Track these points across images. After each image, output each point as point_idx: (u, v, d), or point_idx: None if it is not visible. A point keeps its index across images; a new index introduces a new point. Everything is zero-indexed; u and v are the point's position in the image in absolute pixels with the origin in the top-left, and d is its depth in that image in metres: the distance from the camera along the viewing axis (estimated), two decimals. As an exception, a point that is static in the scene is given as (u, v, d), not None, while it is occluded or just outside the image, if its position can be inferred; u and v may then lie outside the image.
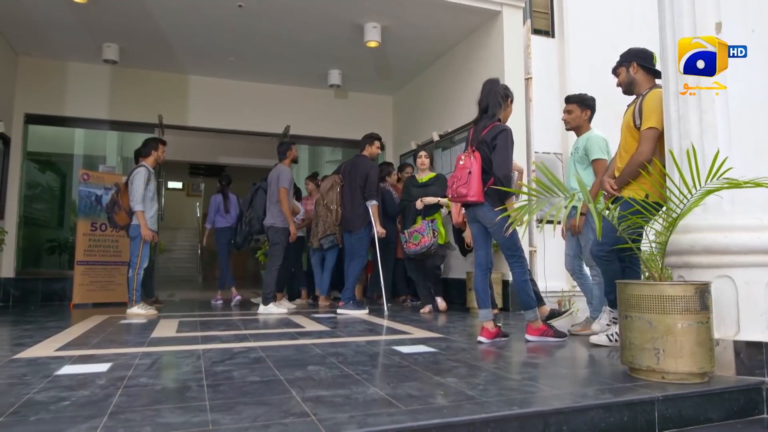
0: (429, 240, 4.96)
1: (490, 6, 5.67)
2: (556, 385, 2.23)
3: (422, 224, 5.06)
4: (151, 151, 5.28)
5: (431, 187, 5.28)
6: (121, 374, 2.37)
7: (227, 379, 2.29)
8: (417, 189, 5.31)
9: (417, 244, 4.99)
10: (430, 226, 5.03)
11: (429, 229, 5.02)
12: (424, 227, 5.03)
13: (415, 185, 5.36)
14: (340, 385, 2.17)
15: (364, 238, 5.23)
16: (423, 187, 5.31)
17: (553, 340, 3.32)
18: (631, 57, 3.09)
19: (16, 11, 5.63)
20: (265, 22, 5.93)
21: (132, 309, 4.98)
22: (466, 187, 3.05)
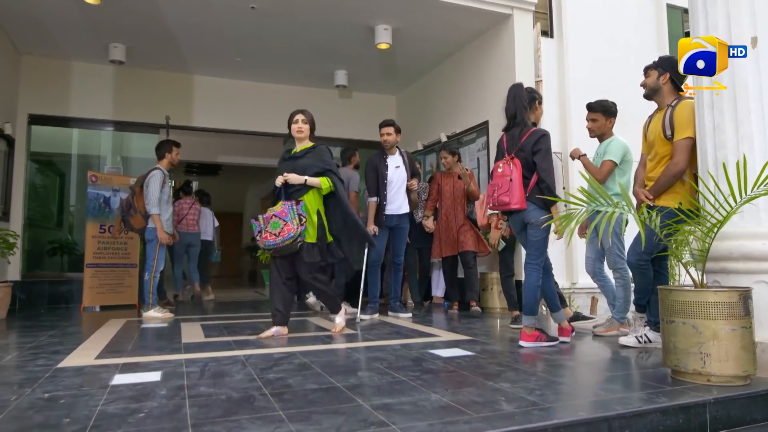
0: (294, 229, 3.58)
1: (501, 9, 5.73)
2: (607, 389, 2.31)
3: (283, 207, 3.64)
4: (165, 154, 5.28)
5: (302, 159, 3.85)
6: (177, 383, 2.39)
7: (286, 387, 2.33)
8: (285, 163, 3.91)
9: (276, 234, 3.57)
10: (295, 210, 3.64)
11: (294, 214, 3.62)
12: (286, 211, 3.62)
13: (285, 158, 3.97)
14: (400, 392, 2.22)
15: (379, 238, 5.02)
16: (292, 160, 3.87)
17: (547, 345, 3.32)
18: (668, 66, 3.16)
19: (21, 10, 5.54)
20: (276, 24, 5.93)
21: (149, 312, 4.97)
22: (508, 195, 3.11)
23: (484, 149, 6.19)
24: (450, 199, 5.36)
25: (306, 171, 3.78)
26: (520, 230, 3.40)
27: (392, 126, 5.11)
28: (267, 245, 3.63)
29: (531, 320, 3.32)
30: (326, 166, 3.84)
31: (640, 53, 8.10)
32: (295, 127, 3.95)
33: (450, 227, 5.32)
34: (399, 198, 5.05)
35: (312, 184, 3.79)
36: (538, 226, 3.19)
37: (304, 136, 3.93)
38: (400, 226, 5.08)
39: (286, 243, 3.58)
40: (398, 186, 5.04)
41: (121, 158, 8.40)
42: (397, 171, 5.06)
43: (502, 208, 3.22)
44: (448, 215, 5.34)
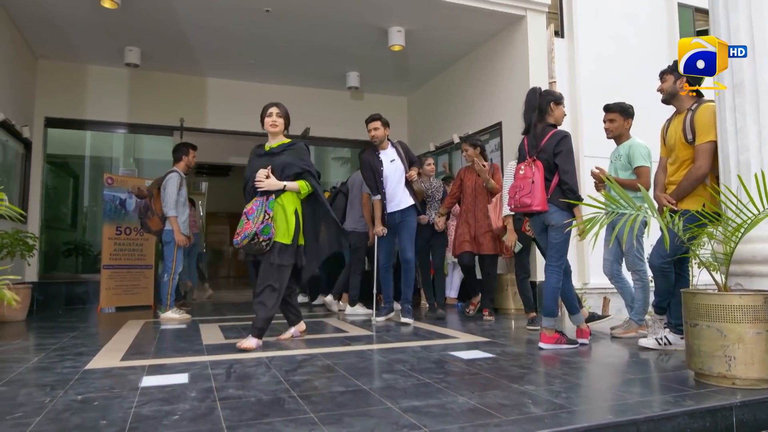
0: (252, 227, 3.29)
1: (515, 10, 5.74)
2: (632, 392, 2.32)
3: (254, 203, 3.41)
4: (182, 156, 5.32)
5: (280, 156, 3.56)
6: (205, 385, 2.43)
7: (313, 389, 2.36)
8: (259, 159, 3.59)
9: (239, 233, 3.34)
10: (263, 206, 3.36)
11: (260, 211, 3.35)
12: (254, 208, 3.38)
13: (259, 154, 3.66)
14: (427, 395, 2.24)
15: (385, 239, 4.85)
16: (268, 157, 3.57)
17: (566, 348, 3.33)
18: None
19: (38, 14, 5.61)
20: (290, 27, 5.97)
21: (166, 314, 5.02)
22: (530, 197, 3.13)
23: (497, 150, 6.20)
24: (471, 195, 5.00)
25: (284, 170, 3.50)
26: (540, 232, 3.41)
27: (379, 120, 4.79)
28: (235, 244, 3.41)
29: (551, 322, 3.33)
30: (305, 166, 3.55)
31: (652, 53, 8.10)
32: (268, 120, 3.61)
33: (469, 225, 4.96)
34: (399, 192, 4.76)
35: (291, 189, 3.50)
36: (559, 228, 3.20)
37: (278, 130, 3.62)
38: (405, 220, 4.75)
39: (244, 242, 3.31)
40: (396, 180, 4.75)
41: (134, 160, 8.49)
42: (392, 165, 4.77)
43: (524, 210, 3.23)
44: (468, 213, 4.99)
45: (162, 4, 5.39)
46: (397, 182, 4.75)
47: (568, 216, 3.20)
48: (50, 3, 5.34)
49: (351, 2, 5.46)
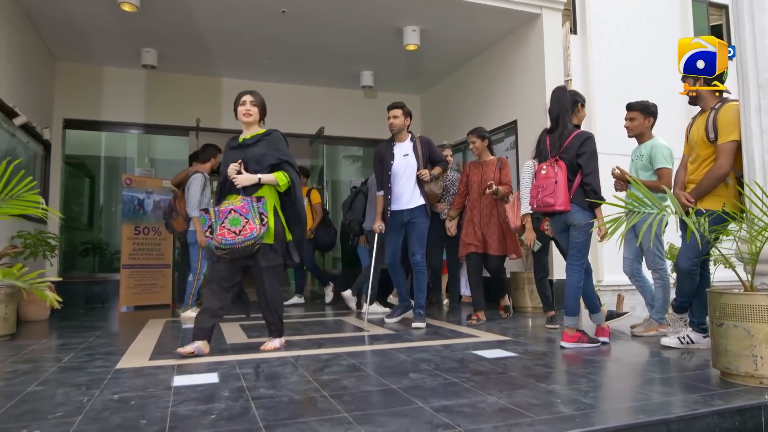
0: (257, 229, 3.07)
1: (530, 9, 5.74)
2: (659, 391, 2.34)
3: (243, 202, 3.12)
4: (211, 157, 5.34)
5: (254, 148, 3.29)
6: (236, 385, 2.47)
7: (342, 389, 2.40)
8: (232, 152, 3.33)
9: (237, 232, 3.04)
10: (256, 208, 3.12)
11: (255, 212, 3.10)
12: (246, 206, 3.10)
13: (232, 147, 3.39)
14: (456, 394, 2.27)
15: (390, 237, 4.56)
16: (242, 149, 3.31)
17: (588, 346, 3.35)
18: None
19: (58, 17, 5.69)
20: (305, 27, 6.00)
21: (186, 313, 5.09)
22: (553, 197, 3.15)
23: (512, 148, 6.21)
24: (477, 192, 4.67)
25: (260, 161, 3.23)
26: (561, 231, 3.42)
27: (400, 108, 4.48)
28: (223, 244, 3.05)
29: (573, 321, 3.35)
30: (283, 156, 3.27)
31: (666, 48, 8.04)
32: (241, 109, 3.33)
33: (474, 223, 4.64)
34: (408, 191, 4.42)
35: (268, 182, 3.22)
36: (581, 228, 3.22)
37: (252, 120, 3.33)
38: (413, 220, 4.41)
39: (246, 244, 3.05)
40: (407, 177, 4.42)
41: (149, 160, 8.58)
42: (404, 160, 4.43)
43: (546, 210, 3.25)
44: (473, 210, 4.67)
45: (179, 6, 5.45)
46: (407, 179, 4.44)
47: (590, 216, 3.21)
48: (71, 7, 5.42)
49: (367, 3, 5.49)
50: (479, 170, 4.75)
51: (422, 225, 4.42)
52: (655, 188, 3.51)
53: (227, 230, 3.06)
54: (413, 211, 4.41)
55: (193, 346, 3.16)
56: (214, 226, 3.11)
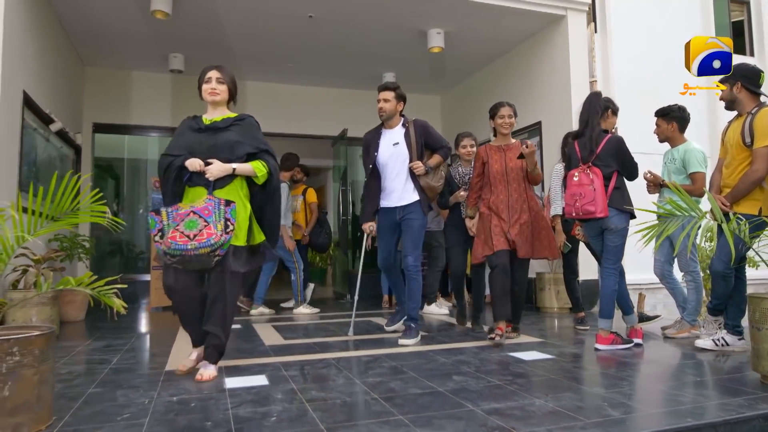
0: (216, 235, 2.55)
1: (555, 10, 5.76)
2: (700, 394, 2.39)
3: (208, 203, 2.61)
4: (293, 167, 5.76)
5: (226, 133, 2.79)
6: (287, 387, 2.56)
7: (391, 391, 2.47)
8: (196, 135, 2.81)
9: (191, 237, 2.53)
10: (222, 212, 2.61)
11: (219, 216, 2.59)
12: (210, 208, 2.59)
13: (196, 128, 2.85)
14: (503, 397, 2.34)
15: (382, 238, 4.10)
16: (210, 133, 2.80)
17: (622, 348, 3.38)
18: (738, 76, 3.19)
19: (90, 25, 5.81)
20: (331, 31, 6.07)
21: (299, 309, 5.63)
22: (593, 205, 3.19)
23: (537, 149, 6.23)
24: (502, 182, 3.80)
25: (233, 150, 2.74)
26: (596, 235, 3.47)
27: (393, 91, 3.90)
28: (173, 249, 2.53)
29: (607, 323, 3.39)
30: (261, 145, 2.82)
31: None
32: (207, 87, 2.85)
33: (502, 219, 3.74)
34: (399, 184, 3.85)
35: (244, 172, 2.75)
36: (617, 231, 3.27)
37: (219, 99, 2.85)
38: (407, 219, 3.83)
39: (201, 252, 2.53)
40: (398, 169, 3.85)
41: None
42: (394, 150, 3.84)
43: (586, 217, 3.29)
44: (500, 204, 3.77)
45: (209, 12, 5.55)
46: (397, 171, 3.86)
47: (627, 219, 3.27)
48: (103, 14, 5.53)
49: (392, 7, 5.55)
50: (501, 156, 3.84)
51: (417, 223, 3.84)
52: (689, 192, 3.53)
53: (180, 233, 2.54)
54: (407, 207, 3.85)
55: (194, 356, 2.88)
56: (165, 229, 2.58)
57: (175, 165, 2.72)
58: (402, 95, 3.96)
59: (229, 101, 2.96)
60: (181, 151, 2.75)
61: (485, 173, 3.90)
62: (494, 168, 3.85)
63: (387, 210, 3.94)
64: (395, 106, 3.91)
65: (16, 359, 1.90)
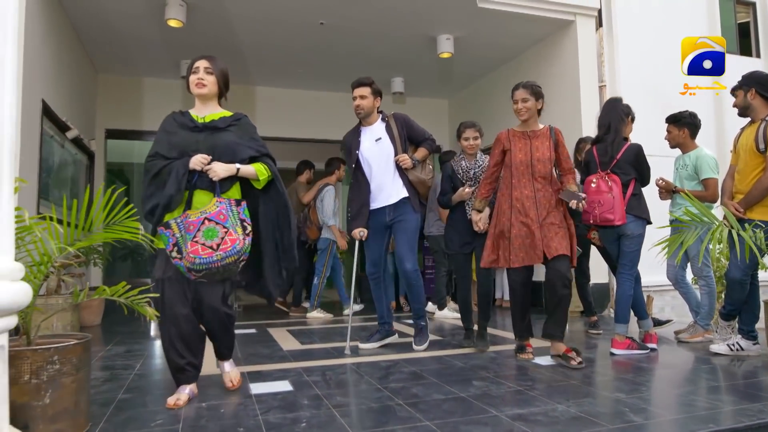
0: (240, 240, 2.38)
1: (564, 16, 5.82)
2: (720, 399, 2.44)
3: (219, 205, 2.40)
4: (334, 170, 5.92)
5: (225, 133, 2.55)
6: (311, 392, 2.61)
7: (414, 396, 2.52)
8: (190, 134, 2.52)
9: (214, 247, 2.32)
10: (236, 213, 2.44)
11: (235, 218, 2.42)
12: (224, 211, 2.40)
13: (190, 126, 2.54)
14: (526, 402, 2.39)
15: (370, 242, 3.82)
16: (208, 132, 2.53)
17: (638, 353, 3.42)
18: (752, 83, 3.24)
19: (103, 32, 5.89)
20: (342, 37, 6.14)
21: (312, 313, 5.68)
22: (612, 213, 3.23)
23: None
24: (526, 174, 3.21)
25: (234, 152, 2.52)
26: (612, 241, 3.51)
27: (368, 86, 3.64)
28: (197, 264, 2.30)
29: (623, 329, 3.44)
30: (262, 149, 2.62)
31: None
32: (193, 78, 2.56)
33: (520, 224, 3.17)
34: (387, 182, 3.62)
35: (247, 175, 2.54)
36: (634, 237, 3.32)
37: (207, 92, 2.56)
38: (399, 218, 3.62)
39: (228, 261, 2.34)
40: (383, 165, 3.62)
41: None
42: (377, 146, 3.63)
43: (605, 224, 3.33)
44: (525, 200, 3.19)
45: (222, 20, 5.62)
46: (384, 168, 3.63)
47: (643, 225, 3.32)
48: (118, 22, 5.61)
49: (403, 13, 5.61)
50: (526, 143, 3.26)
51: (410, 223, 3.62)
52: (701, 198, 3.57)
53: (201, 245, 2.31)
54: (397, 207, 3.62)
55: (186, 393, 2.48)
56: (180, 243, 2.33)
57: (181, 170, 2.39)
58: (378, 90, 3.72)
59: (220, 97, 2.67)
60: (174, 152, 2.46)
61: (505, 163, 3.32)
62: (518, 157, 3.26)
63: (375, 212, 3.69)
64: (372, 103, 3.69)
65: (56, 368, 1.96)
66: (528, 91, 3.26)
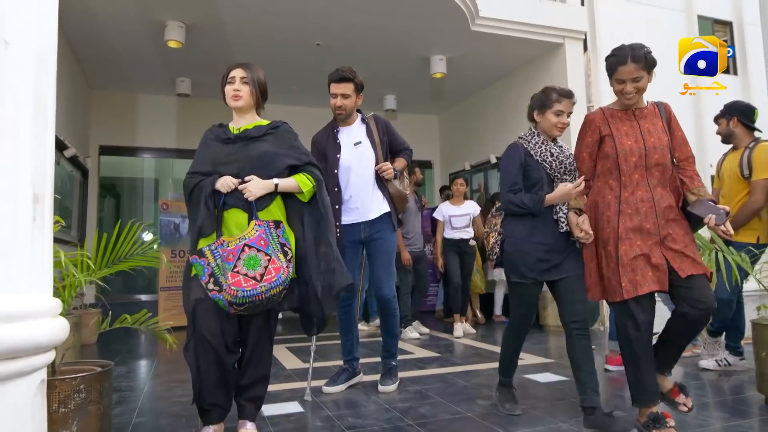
0: (284, 269, 2.17)
1: (554, 39, 6.01)
2: (714, 416, 2.58)
3: (259, 229, 2.19)
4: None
5: (260, 143, 2.36)
6: (323, 414, 2.69)
7: (423, 417, 2.62)
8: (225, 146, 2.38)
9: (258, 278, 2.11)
10: (276, 237, 2.22)
11: (275, 243, 2.21)
12: (264, 235, 2.19)
13: (225, 139, 2.40)
14: (530, 421, 2.50)
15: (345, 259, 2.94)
16: (242, 143, 2.37)
17: None
18: (734, 112, 3.42)
19: (100, 50, 5.93)
20: (337, 57, 6.23)
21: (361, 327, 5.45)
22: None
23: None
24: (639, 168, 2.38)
25: (271, 164, 2.31)
26: None
27: (350, 82, 3.07)
28: (240, 297, 2.08)
29: (617, 345, 3.57)
30: (303, 157, 2.40)
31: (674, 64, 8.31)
32: (229, 89, 2.39)
33: (638, 236, 2.32)
34: (366, 193, 3.10)
35: (288, 189, 2.31)
36: None
37: (243, 104, 2.40)
38: (376, 237, 3.11)
39: (273, 292, 2.12)
40: (363, 174, 3.09)
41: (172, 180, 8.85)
42: (356, 151, 3.11)
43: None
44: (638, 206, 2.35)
45: (220, 41, 5.71)
46: (363, 177, 3.10)
47: None
48: (116, 41, 5.67)
49: (398, 35, 5.75)
50: (633, 125, 2.44)
51: (389, 243, 3.14)
52: None
53: (243, 276, 2.10)
54: (374, 223, 3.10)
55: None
56: (216, 273, 2.12)
57: (207, 189, 2.22)
58: (361, 85, 3.12)
59: (258, 106, 2.50)
60: (207, 166, 2.31)
61: (603, 153, 2.45)
62: (625, 144, 2.39)
63: (348, 227, 3.09)
64: (355, 102, 3.13)
65: (82, 396, 2.02)
66: (640, 65, 2.35)
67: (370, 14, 5.40)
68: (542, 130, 2.59)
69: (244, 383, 2.33)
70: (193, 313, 2.21)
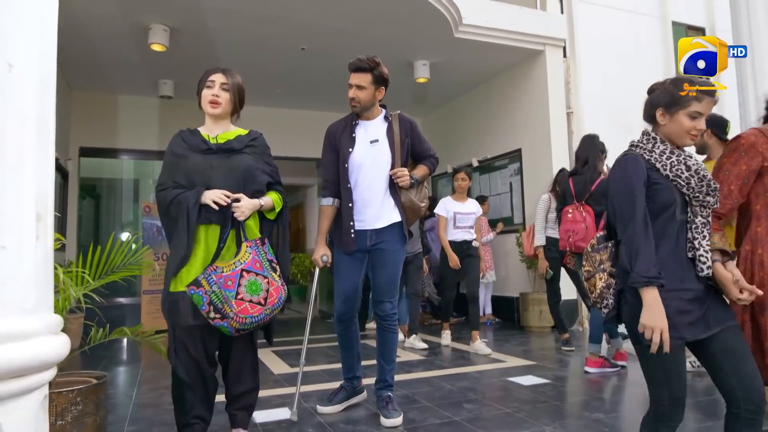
0: (281, 288, 2.20)
1: (534, 46, 6.14)
2: (696, 417, 2.70)
3: (250, 252, 2.15)
4: None
5: (241, 156, 2.28)
6: (314, 420, 2.75)
7: (413, 422, 2.69)
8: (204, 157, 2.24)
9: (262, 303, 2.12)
10: (264, 255, 2.19)
11: (265, 262, 2.18)
12: (256, 257, 2.16)
13: (202, 148, 2.25)
14: (515, 425, 2.59)
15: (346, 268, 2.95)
16: (223, 154, 2.25)
17: (610, 371, 3.71)
18: (708, 125, 3.56)
19: (81, 52, 5.86)
20: (322, 62, 6.29)
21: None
22: (584, 241, 3.50)
23: (517, 174, 6.59)
24: None
25: (254, 178, 2.25)
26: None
27: (368, 73, 2.83)
28: (249, 324, 2.09)
29: (596, 348, 3.71)
30: (275, 174, 2.38)
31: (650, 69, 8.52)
32: (207, 94, 2.27)
33: None
34: (376, 197, 2.78)
35: (268, 209, 2.30)
36: None
37: (221, 111, 2.28)
38: (381, 247, 2.80)
39: (276, 312, 2.18)
40: (376, 176, 2.77)
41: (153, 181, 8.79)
42: (372, 149, 2.79)
43: (579, 252, 3.60)
44: None
45: (204, 43, 5.69)
46: (376, 180, 2.78)
47: None
48: (99, 44, 5.61)
49: (383, 41, 5.81)
50: None
51: (396, 255, 2.84)
52: None
53: (249, 303, 2.08)
54: (382, 232, 2.79)
55: None
56: (215, 301, 2.04)
57: (189, 203, 2.10)
58: (382, 77, 2.84)
59: (233, 114, 2.38)
60: (181, 178, 2.19)
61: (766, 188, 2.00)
62: None
63: (354, 233, 2.80)
64: (373, 94, 2.82)
65: (79, 408, 2.05)
66: None
67: (355, 20, 5.45)
68: (666, 136, 1.79)
69: (235, 393, 2.33)
70: (178, 334, 2.21)
